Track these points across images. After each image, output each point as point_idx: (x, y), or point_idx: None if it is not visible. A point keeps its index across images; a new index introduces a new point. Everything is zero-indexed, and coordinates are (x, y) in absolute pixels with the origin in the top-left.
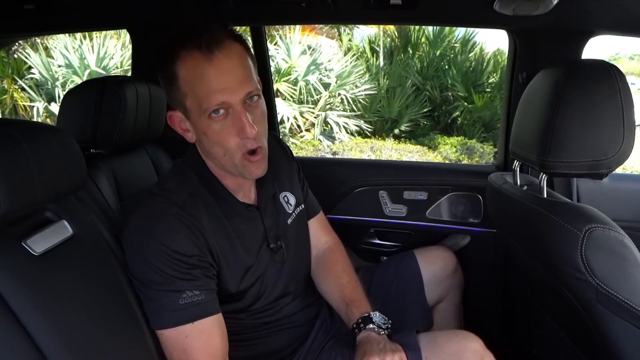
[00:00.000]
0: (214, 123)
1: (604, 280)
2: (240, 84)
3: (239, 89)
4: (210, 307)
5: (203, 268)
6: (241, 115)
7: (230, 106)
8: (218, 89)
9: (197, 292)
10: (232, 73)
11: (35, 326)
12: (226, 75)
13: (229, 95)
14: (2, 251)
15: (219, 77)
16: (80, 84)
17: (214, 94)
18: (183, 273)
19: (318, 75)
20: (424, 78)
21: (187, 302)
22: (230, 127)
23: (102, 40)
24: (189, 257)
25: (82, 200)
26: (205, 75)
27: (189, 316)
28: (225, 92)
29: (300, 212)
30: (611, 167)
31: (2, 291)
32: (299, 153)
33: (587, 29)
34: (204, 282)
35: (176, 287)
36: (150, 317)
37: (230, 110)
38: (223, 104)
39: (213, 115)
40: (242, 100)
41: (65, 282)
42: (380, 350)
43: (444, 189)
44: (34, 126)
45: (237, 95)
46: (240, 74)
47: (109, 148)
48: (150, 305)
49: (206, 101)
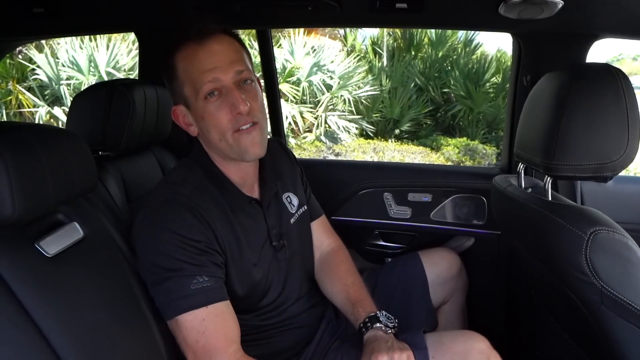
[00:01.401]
0: (209, 105)
1: (608, 282)
2: (230, 64)
3: (228, 67)
4: (221, 293)
5: (211, 255)
6: (233, 92)
7: (222, 86)
8: (209, 68)
9: (206, 278)
10: (222, 54)
11: (48, 325)
12: (216, 56)
13: (219, 72)
14: (17, 253)
15: (209, 58)
16: (89, 87)
17: (205, 73)
18: (192, 258)
19: (321, 77)
20: (426, 78)
21: (198, 287)
22: (224, 106)
23: (106, 41)
24: (198, 242)
25: (92, 202)
26: (197, 58)
27: (203, 300)
28: (216, 70)
29: (303, 213)
30: (616, 170)
31: (16, 291)
32: (301, 154)
33: (592, 32)
34: (213, 270)
35: (187, 273)
36: (165, 308)
37: (224, 90)
38: (215, 82)
39: (208, 98)
40: (234, 80)
41: (77, 283)
42: (389, 348)
43: (448, 191)
44: (48, 130)
45: (227, 74)
46: (230, 55)
47: (117, 150)
48: (163, 295)
49: (199, 81)
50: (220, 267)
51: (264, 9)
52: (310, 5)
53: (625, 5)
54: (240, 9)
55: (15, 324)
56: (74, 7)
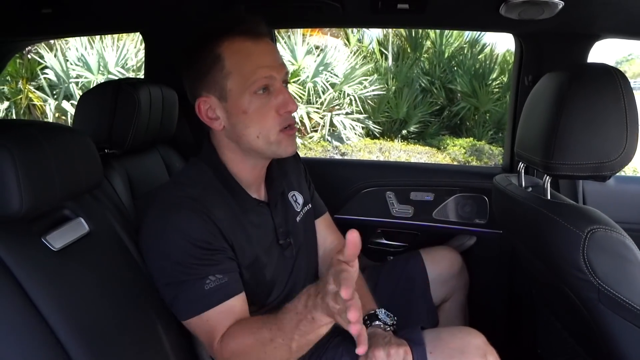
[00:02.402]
0: (256, 100)
1: (606, 280)
2: (281, 65)
3: (280, 68)
4: (235, 288)
5: (223, 252)
6: (284, 92)
7: (273, 84)
8: (266, 64)
9: (219, 275)
10: (275, 55)
11: (53, 316)
12: (271, 55)
13: (275, 71)
14: (23, 246)
15: (266, 56)
16: (96, 86)
17: (263, 68)
18: (203, 259)
19: (326, 76)
20: (432, 77)
21: (212, 286)
22: (272, 104)
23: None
24: (208, 243)
25: (97, 198)
26: (253, 54)
27: (217, 299)
28: (272, 68)
29: (308, 211)
30: (614, 169)
31: (23, 284)
32: (307, 154)
33: (593, 32)
34: (226, 266)
35: (199, 274)
36: (179, 310)
37: (272, 89)
38: (269, 79)
39: (258, 92)
40: (283, 80)
41: (82, 276)
42: (386, 343)
43: (450, 190)
44: (54, 127)
45: (280, 73)
46: (279, 57)
47: (123, 148)
48: (177, 297)
49: (253, 75)
50: (233, 260)
51: (268, 10)
52: (313, 6)
53: (625, 5)
54: (245, 9)
55: (22, 315)
56: (82, 7)
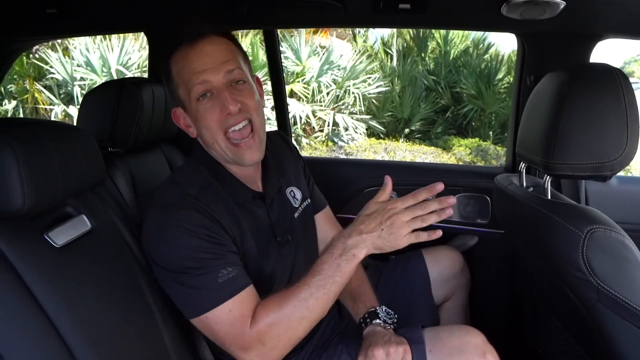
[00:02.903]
0: (201, 106)
1: (605, 280)
2: (220, 64)
3: (219, 68)
4: (246, 279)
5: (227, 246)
6: (223, 92)
7: (213, 87)
8: (199, 70)
9: (230, 269)
10: (213, 55)
11: (55, 311)
12: (207, 57)
13: (209, 74)
14: (26, 243)
15: (199, 60)
16: (99, 85)
17: (195, 74)
18: (213, 253)
19: (331, 75)
20: (438, 77)
21: (224, 279)
22: (214, 107)
23: (122, 41)
24: (212, 237)
25: (100, 196)
26: (188, 60)
27: (231, 291)
28: (206, 72)
29: (307, 206)
30: (614, 169)
31: (26, 279)
32: (312, 153)
33: (595, 32)
34: (233, 259)
35: (212, 268)
36: (191, 305)
37: (215, 92)
38: (205, 84)
39: (200, 99)
40: (225, 80)
41: (84, 273)
42: (385, 342)
43: (452, 190)
44: (57, 126)
45: (217, 74)
46: (221, 56)
47: (126, 147)
48: (189, 293)
49: (190, 82)
50: (237, 253)
51: (270, 10)
52: (314, 6)
53: (626, 5)
54: (247, 10)
55: (25, 310)
56: (86, 8)
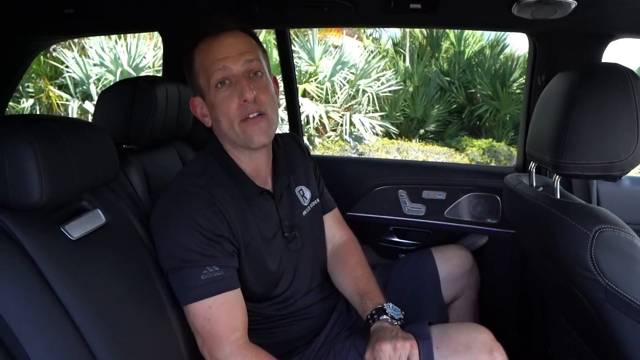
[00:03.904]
0: (219, 93)
1: (613, 280)
2: (240, 54)
3: (238, 57)
4: (230, 283)
5: (223, 244)
6: (241, 80)
7: (232, 75)
8: (219, 57)
9: (216, 267)
10: (234, 45)
11: (71, 302)
12: (228, 47)
13: (229, 62)
14: (43, 235)
15: (221, 49)
16: (115, 83)
17: (216, 62)
18: (204, 249)
19: (344, 74)
20: (452, 78)
21: (208, 277)
22: (233, 95)
23: (137, 41)
24: (211, 232)
25: (114, 191)
26: (210, 49)
27: (210, 290)
28: (227, 59)
29: (316, 206)
30: (624, 169)
31: (43, 270)
32: (325, 153)
33: (607, 32)
34: (224, 260)
35: (198, 264)
36: (178, 296)
37: (233, 80)
38: (225, 71)
39: (219, 87)
40: (243, 69)
41: (98, 265)
42: (393, 337)
43: (462, 189)
44: (74, 123)
45: (237, 63)
46: (241, 47)
47: (140, 144)
48: (177, 283)
49: (211, 69)
50: (233, 255)
51: (281, 10)
52: (326, 6)
53: (639, 4)
54: (259, 10)
55: (42, 300)
56: (102, 8)
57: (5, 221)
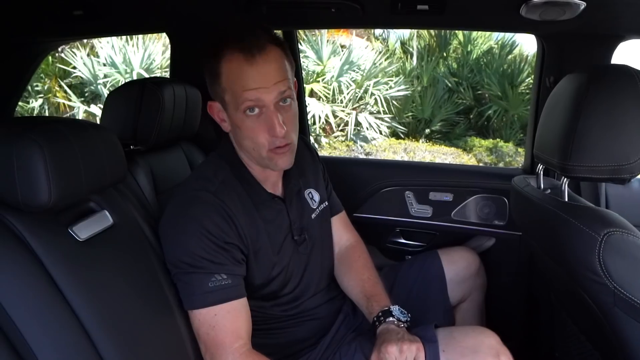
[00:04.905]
0: (247, 119)
1: (622, 283)
2: (274, 85)
3: (272, 89)
4: (237, 291)
5: (232, 252)
6: (272, 116)
7: (263, 105)
8: (253, 87)
9: (224, 276)
10: (268, 74)
11: (79, 302)
12: (263, 77)
13: (262, 93)
14: (51, 236)
15: (255, 78)
16: (122, 85)
17: (249, 91)
18: (213, 256)
19: (352, 75)
20: (460, 78)
21: (215, 285)
22: (262, 125)
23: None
24: (220, 239)
25: (122, 192)
26: (244, 75)
27: (217, 298)
28: (260, 90)
29: (324, 208)
30: (633, 172)
31: (50, 271)
32: (332, 153)
33: (616, 33)
34: (232, 268)
35: (206, 270)
36: (183, 299)
37: (264, 109)
38: (257, 102)
39: (248, 113)
40: (274, 100)
41: (106, 266)
42: (399, 339)
43: (469, 191)
44: (81, 124)
45: (270, 95)
46: (275, 75)
47: (147, 145)
48: (183, 288)
49: (242, 97)
50: (241, 263)
51: (289, 11)
52: (333, 7)
53: None
54: (267, 10)
55: (50, 300)
56: (111, 9)
57: (14, 222)
